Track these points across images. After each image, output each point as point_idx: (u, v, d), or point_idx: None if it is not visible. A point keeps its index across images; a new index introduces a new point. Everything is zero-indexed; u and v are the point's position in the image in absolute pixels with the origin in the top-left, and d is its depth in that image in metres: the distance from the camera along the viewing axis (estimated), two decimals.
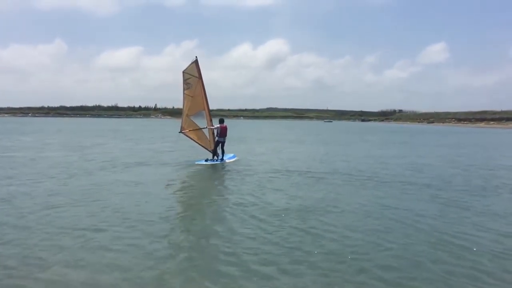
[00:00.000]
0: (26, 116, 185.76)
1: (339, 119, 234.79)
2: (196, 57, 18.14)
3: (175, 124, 29.96)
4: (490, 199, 12.00)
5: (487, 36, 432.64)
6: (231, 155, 20.15)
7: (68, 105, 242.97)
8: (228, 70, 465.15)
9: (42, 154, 22.52)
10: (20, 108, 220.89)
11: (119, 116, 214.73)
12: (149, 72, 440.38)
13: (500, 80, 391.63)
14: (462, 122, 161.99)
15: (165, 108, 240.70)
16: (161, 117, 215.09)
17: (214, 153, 18.71)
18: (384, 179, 15.35)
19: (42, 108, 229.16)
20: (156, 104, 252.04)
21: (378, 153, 27.26)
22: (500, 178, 16.22)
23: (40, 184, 13.07)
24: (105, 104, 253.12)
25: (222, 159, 18.82)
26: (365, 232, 8.45)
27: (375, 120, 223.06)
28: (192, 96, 18.23)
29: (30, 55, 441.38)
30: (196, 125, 18.66)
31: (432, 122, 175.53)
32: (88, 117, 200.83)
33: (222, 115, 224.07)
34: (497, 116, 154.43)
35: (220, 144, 18.75)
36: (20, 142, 31.98)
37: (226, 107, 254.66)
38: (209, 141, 18.86)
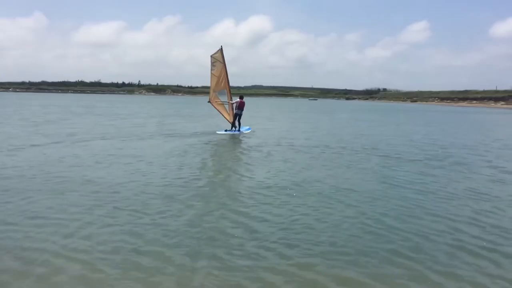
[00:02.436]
0: (7, 91, 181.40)
1: (324, 97, 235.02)
2: (221, 46, 22.26)
3: (181, 100, 29.65)
4: (394, 163, 12.60)
5: (468, 16, 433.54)
6: (247, 127, 23.66)
7: (49, 80, 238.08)
8: (211, 47, 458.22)
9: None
10: (1, 83, 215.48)
11: (103, 92, 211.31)
12: (130, 49, 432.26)
13: (481, 61, 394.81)
14: (445, 101, 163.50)
15: (149, 85, 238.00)
16: (145, 94, 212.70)
17: (233, 124, 22.44)
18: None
19: (23, 84, 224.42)
20: (139, 81, 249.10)
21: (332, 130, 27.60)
22: (429, 151, 16.90)
23: None
24: (87, 80, 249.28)
25: (239, 130, 22.45)
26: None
27: (359, 98, 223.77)
28: (217, 76, 22.44)
29: (7, 29, 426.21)
30: (220, 99, 23.00)
31: (415, 101, 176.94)
32: (71, 92, 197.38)
33: (207, 92, 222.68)
34: (479, 95, 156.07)
35: (237, 117, 22.25)
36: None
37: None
38: (229, 114, 22.94)
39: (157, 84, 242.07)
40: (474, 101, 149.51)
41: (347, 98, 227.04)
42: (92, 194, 8.80)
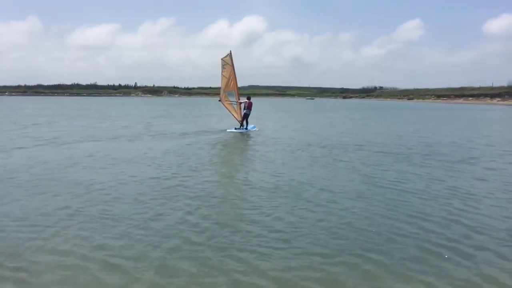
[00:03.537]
0: (3, 95, 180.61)
1: (321, 96, 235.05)
2: (230, 50, 24.10)
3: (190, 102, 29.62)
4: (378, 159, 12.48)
5: (460, 14, 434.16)
6: (252, 125, 25.08)
7: (45, 83, 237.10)
8: (206, 48, 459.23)
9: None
10: None
11: (99, 94, 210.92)
12: (125, 51, 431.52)
13: (476, 58, 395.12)
14: (441, 98, 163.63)
15: (146, 87, 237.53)
16: (141, 96, 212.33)
17: (241, 123, 23.89)
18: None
19: (19, 87, 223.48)
20: (136, 83, 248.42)
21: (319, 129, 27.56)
22: (414, 148, 16.79)
23: None
24: (84, 82, 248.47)
25: (246, 128, 23.96)
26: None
27: (356, 97, 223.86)
28: (226, 78, 24.24)
29: (2, 33, 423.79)
30: (229, 99, 24.69)
31: (412, 98, 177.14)
32: (67, 95, 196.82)
33: (204, 93, 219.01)
34: (475, 92, 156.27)
35: (246, 116, 23.72)
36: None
37: (207, 85, 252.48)
38: (237, 113, 24.47)
39: (154, 85, 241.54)
40: (470, 98, 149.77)
41: (344, 97, 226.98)
42: (71, 195, 8.73)
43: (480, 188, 10.13)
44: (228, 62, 24.05)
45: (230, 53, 23.98)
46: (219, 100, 24.98)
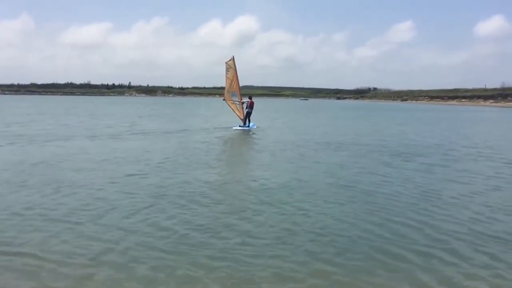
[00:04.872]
0: None
1: (315, 97, 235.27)
2: (233, 56, 26.26)
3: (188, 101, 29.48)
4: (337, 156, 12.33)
5: (452, 16, 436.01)
6: (252, 123, 26.95)
7: (39, 82, 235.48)
8: (199, 48, 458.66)
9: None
10: None
11: (93, 94, 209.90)
12: (119, 50, 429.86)
13: (468, 59, 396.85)
14: (435, 100, 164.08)
15: (140, 86, 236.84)
16: (135, 95, 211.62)
17: (244, 121, 26.09)
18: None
19: (12, 86, 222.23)
20: (130, 82, 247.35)
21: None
22: (394, 148, 16.68)
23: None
24: (77, 81, 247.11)
25: (248, 126, 26.11)
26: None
27: (350, 98, 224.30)
28: (230, 79, 26.44)
29: None
30: (232, 99, 26.74)
31: (406, 100, 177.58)
32: (60, 94, 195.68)
33: (198, 93, 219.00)
34: (469, 94, 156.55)
35: (248, 115, 26.00)
36: None
37: (201, 85, 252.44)
38: (240, 112, 26.58)
39: (148, 85, 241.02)
40: (464, 100, 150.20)
41: (338, 98, 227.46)
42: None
43: (452, 189, 10.01)
44: (231, 66, 26.21)
45: (233, 58, 26.19)
46: (223, 99, 27.16)
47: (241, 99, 26.49)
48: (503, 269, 5.53)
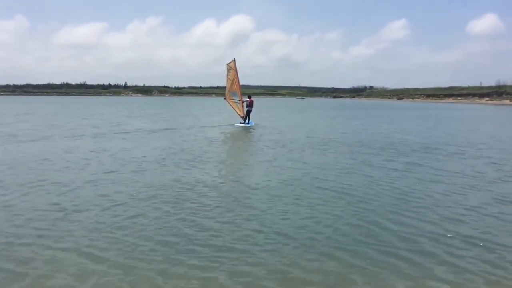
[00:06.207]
0: None
1: (311, 96, 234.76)
2: (234, 58, 27.97)
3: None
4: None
5: (445, 14, 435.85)
6: (251, 121, 28.75)
7: (34, 83, 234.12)
8: (194, 48, 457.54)
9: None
10: None
11: (89, 94, 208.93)
12: (115, 50, 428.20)
13: (462, 58, 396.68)
14: (431, 98, 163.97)
15: (136, 86, 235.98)
16: (131, 95, 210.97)
17: (245, 119, 28.10)
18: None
19: (7, 86, 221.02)
20: (126, 82, 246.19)
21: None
22: (375, 147, 16.55)
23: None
24: (73, 82, 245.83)
25: (248, 123, 28.04)
26: None
27: (346, 96, 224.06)
28: (231, 80, 28.24)
29: None
30: (233, 98, 28.60)
31: (402, 98, 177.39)
32: (56, 95, 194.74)
33: (194, 92, 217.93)
34: (465, 92, 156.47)
35: (248, 113, 28.02)
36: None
37: (197, 85, 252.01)
38: (240, 110, 28.48)
39: (144, 85, 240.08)
40: (459, 98, 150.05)
41: (335, 97, 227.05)
42: None
43: (427, 189, 9.91)
44: (232, 67, 28.00)
45: (234, 60, 28.00)
46: (224, 99, 29.20)
47: (241, 98, 28.24)
48: (474, 271, 5.47)
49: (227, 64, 28.38)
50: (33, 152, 14.67)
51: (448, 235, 6.66)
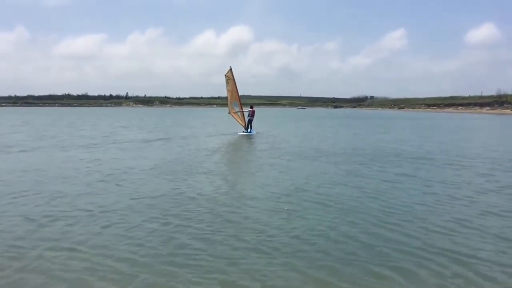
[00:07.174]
0: None
1: (312, 106, 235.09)
2: (230, 66, 28.06)
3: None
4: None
5: (443, 23, 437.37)
6: (253, 130, 29.37)
7: (36, 94, 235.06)
8: (195, 58, 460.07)
9: None
10: None
11: (90, 105, 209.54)
12: (116, 61, 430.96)
13: (461, 67, 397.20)
14: (432, 107, 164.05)
15: (137, 97, 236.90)
16: (133, 106, 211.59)
17: (246, 127, 28.83)
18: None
19: (9, 98, 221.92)
20: (127, 93, 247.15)
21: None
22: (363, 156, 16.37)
23: None
24: (75, 93, 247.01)
25: (250, 132, 28.78)
26: None
27: (347, 106, 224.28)
28: (230, 91, 28.37)
29: None
30: (235, 110, 28.95)
31: (403, 107, 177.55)
32: (58, 106, 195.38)
33: (195, 103, 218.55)
34: (465, 101, 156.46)
35: (250, 122, 28.80)
36: None
37: (198, 95, 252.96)
38: (242, 120, 29.12)
39: (145, 95, 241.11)
40: (460, 107, 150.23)
41: (335, 107, 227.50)
42: None
43: (414, 199, 9.77)
44: (230, 77, 27.73)
45: (231, 68, 27.72)
46: (229, 113, 29.33)
47: (242, 108, 28.56)
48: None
49: (225, 75, 28.26)
50: (19, 163, 14.52)
51: (434, 250, 6.44)
